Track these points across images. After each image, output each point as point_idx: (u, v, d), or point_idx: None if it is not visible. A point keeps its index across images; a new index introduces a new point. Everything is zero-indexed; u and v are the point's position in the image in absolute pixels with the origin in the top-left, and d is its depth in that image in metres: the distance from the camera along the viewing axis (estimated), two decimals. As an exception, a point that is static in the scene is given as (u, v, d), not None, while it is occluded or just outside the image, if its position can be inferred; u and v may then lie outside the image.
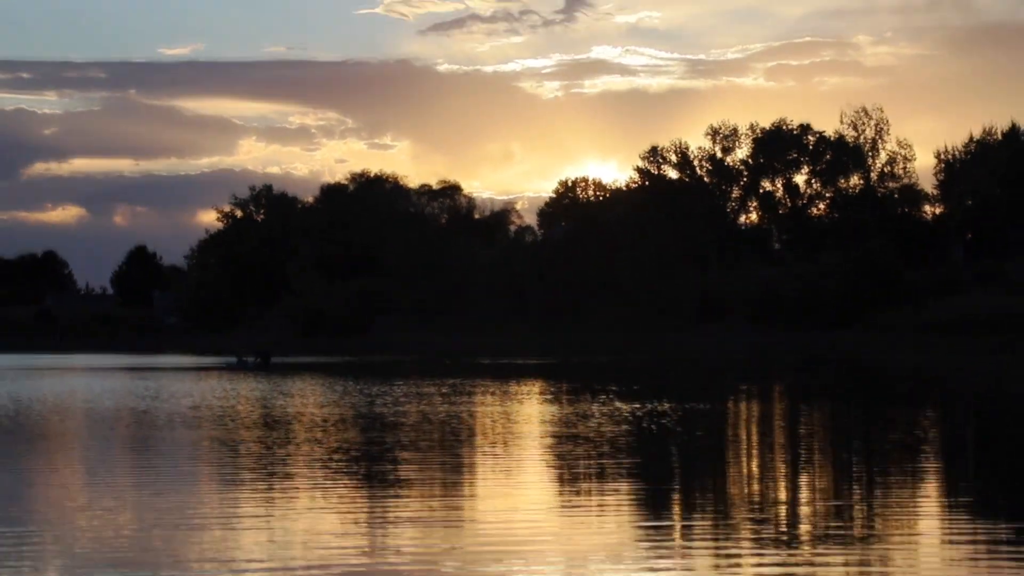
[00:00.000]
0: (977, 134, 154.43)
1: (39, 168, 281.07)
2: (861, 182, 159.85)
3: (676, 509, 23.38)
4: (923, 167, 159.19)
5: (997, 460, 31.79)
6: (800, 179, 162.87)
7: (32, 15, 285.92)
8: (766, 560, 17.86)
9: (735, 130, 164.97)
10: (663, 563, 17.75)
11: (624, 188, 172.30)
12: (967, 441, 36.86)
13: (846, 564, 17.58)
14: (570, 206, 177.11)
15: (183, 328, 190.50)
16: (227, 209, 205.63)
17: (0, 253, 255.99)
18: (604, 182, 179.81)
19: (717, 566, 17.56)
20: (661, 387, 60.14)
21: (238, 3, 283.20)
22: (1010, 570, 17.11)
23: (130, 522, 21.50)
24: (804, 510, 23.24)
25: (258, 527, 21.04)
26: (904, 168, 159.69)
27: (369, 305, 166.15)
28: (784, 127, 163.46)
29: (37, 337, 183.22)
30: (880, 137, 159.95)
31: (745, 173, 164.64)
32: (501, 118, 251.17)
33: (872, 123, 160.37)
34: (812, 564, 17.57)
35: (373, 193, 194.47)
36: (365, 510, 22.84)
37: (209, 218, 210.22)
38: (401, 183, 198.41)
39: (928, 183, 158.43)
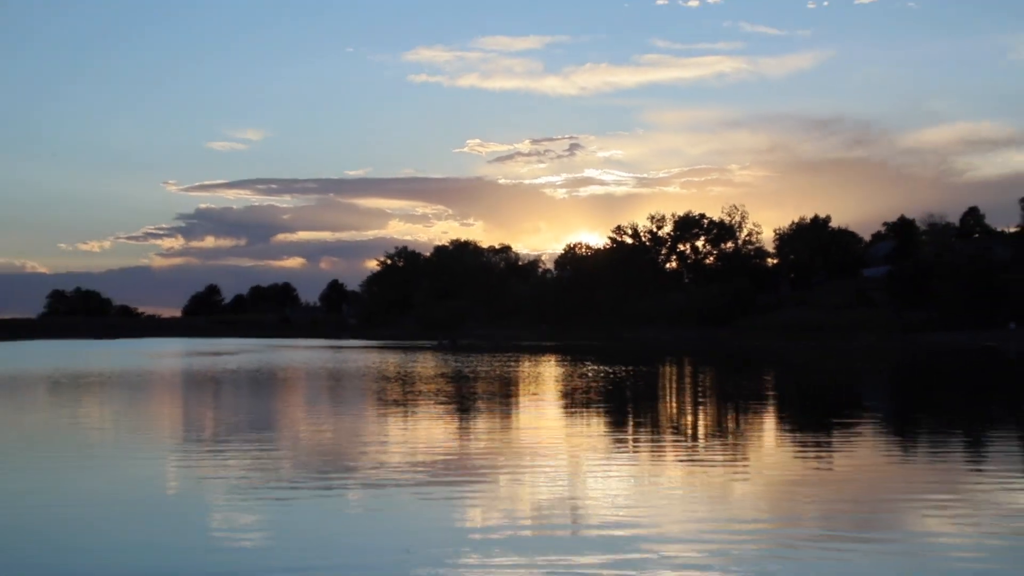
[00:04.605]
0: (796, 220, 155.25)
1: (280, 237, 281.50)
2: (732, 246, 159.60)
3: (630, 424, 23.25)
4: (767, 238, 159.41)
5: (808, 398, 31.58)
6: (699, 244, 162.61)
7: (275, 154, 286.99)
8: (681, 452, 17.76)
9: (664, 216, 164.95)
10: (621, 456, 17.65)
11: (602, 248, 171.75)
12: (792, 389, 36.64)
13: (723, 454, 17.45)
14: (572, 259, 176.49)
15: (359, 326, 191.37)
16: (382, 259, 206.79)
17: (260, 283, 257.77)
18: (592, 245, 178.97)
19: (652, 458, 17.45)
20: (622, 359, 59.91)
21: (388, 145, 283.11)
22: (797, 453, 17.01)
23: (329, 436, 21.49)
24: (700, 425, 23.09)
25: (397, 437, 21.01)
26: (756, 238, 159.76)
27: (459, 315, 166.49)
28: (690, 215, 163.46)
29: (280, 330, 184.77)
30: (743, 221, 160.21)
31: (669, 240, 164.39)
32: (533, 209, 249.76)
33: (739, 214, 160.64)
34: (704, 452, 17.48)
35: (462, 251, 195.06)
36: (457, 423, 22.82)
37: (372, 264, 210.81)
38: (478, 245, 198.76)
39: (770, 247, 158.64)
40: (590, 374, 42.68)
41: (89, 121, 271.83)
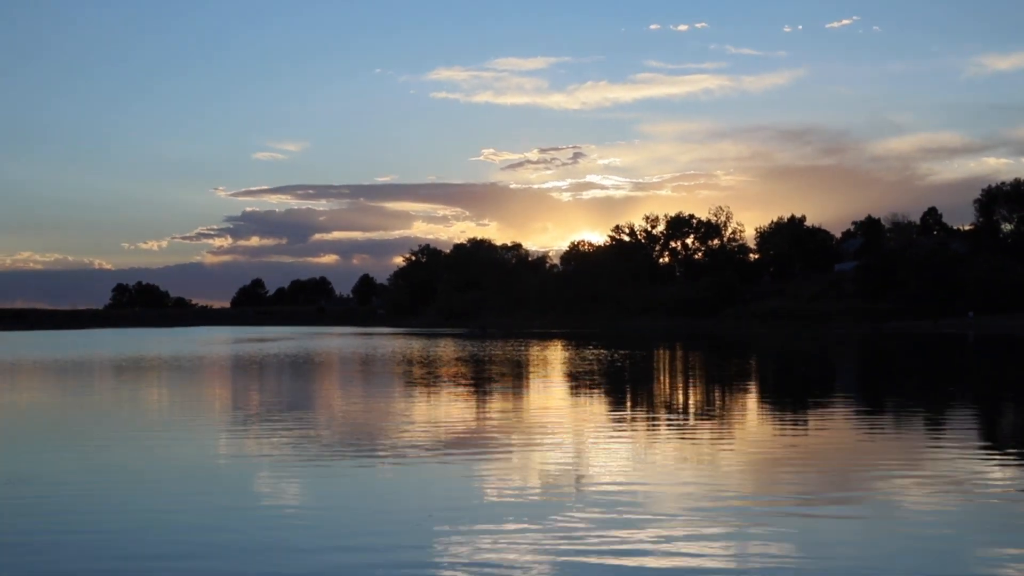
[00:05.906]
0: (775, 220, 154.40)
1: (316, 237, 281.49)
2: (719, 243, 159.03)
3: (627, 402, 23.16)
4: (749, 236, 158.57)
5: (786, 379, 31.43)
6: (689, 241, 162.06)
7: (312, 163, 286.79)
8: (673, 428, 17.67)
9: (657, 217, 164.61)
10: (619, 431, 17.58)
11: (603, 246, 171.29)
12: (771, 370, 36.48)
13: (711, 428, 17.35)
14: (577, 254, 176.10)
15: (387, 316, 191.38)
16: (407, 256, 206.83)
17: (299, 278, 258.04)
18: (593, 243, 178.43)
19: (648, 431, 17.37)
20: (620, 343, 59.77)
21: (412, 155, 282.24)
22: (776, 429, 16.88)
23: (359, 414, 21.45)
24: (691, 402, 22.99)
25: (420, 414, 20.97)
26: (740, 236, 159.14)
27: (477, 305, 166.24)
28: (681, 215, 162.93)
29: (317, 319, 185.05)
30: (728, 221, 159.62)
31: (662, 238, 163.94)
32: (542, 210, 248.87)
33: (724, 214, 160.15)
34: (695, 428, 17.38)
35: (479, 249, 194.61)
36: (473, 401, 22.75)
37: (398, 260, 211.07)
38: (492, 243, 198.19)
39: (752, 244, 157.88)
40: (591, 357, 42.58)
41: (149, 135, 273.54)
